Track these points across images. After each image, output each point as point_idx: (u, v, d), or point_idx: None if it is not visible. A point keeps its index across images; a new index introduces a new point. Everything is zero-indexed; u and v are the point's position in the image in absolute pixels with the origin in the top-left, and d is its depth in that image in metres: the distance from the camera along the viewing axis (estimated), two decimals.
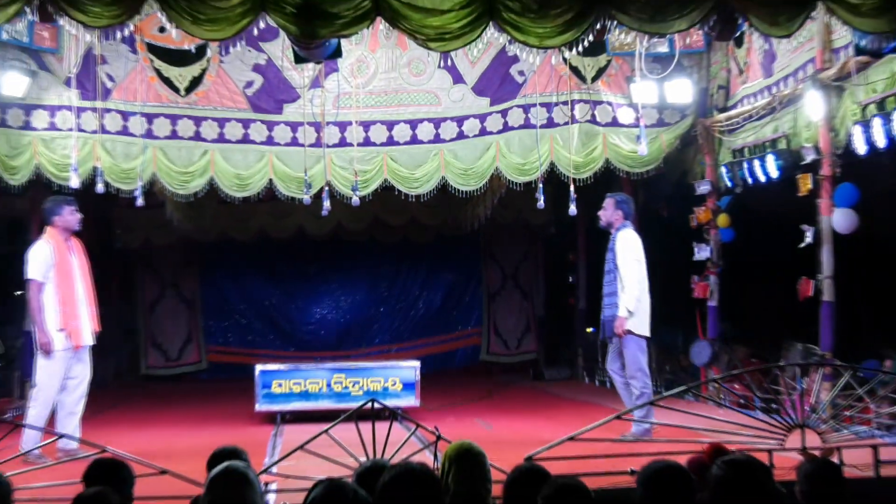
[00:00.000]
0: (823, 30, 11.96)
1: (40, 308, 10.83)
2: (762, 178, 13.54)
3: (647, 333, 11.68)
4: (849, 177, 12.13)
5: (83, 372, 11.17)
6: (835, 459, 7.65)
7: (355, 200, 14.33)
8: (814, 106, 12.10)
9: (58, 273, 10.93)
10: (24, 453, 9.64)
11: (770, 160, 13.21)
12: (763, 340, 16.49)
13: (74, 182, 13.26)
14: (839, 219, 12.02)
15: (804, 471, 5.97)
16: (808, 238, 12.42)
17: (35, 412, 10.73)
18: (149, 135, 14.20)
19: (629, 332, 11.39)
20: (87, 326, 11.22)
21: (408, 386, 13.99)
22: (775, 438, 8.51)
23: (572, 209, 13.74)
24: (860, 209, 12.07)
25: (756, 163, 13.58)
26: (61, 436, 9.84)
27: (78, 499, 5.12)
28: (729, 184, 14.51)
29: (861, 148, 11.26)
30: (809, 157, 12.31)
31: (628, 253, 11.53)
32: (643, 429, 10.91)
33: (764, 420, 8.86)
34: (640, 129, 13.77)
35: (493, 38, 11.33)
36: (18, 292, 16.86)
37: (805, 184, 12.44)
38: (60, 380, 10.89)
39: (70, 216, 11.24)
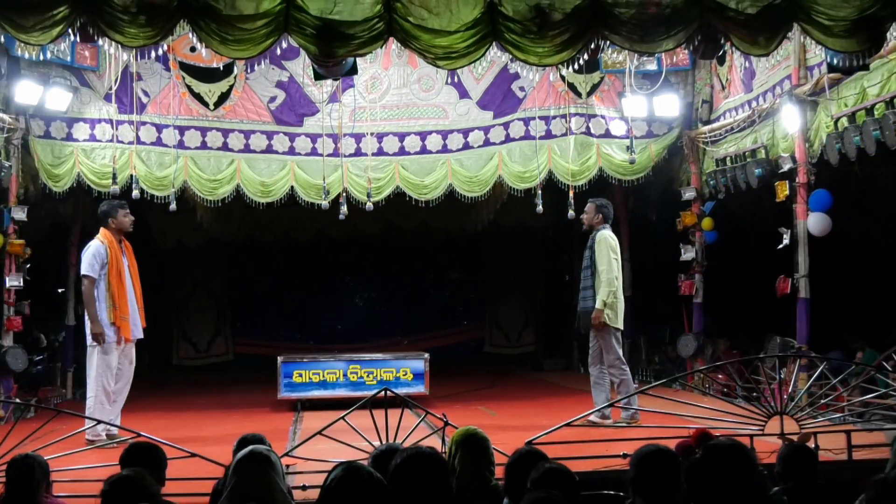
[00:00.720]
0: (799, 49, 11.98)
1: (94, 302, 10.79)
2: (743, 186, 13.51)
3: (621, 326, 11.62)
4: (822, 184, 12.14)
5: (128, 365, 11.16)
6: (811, 444, 7.63)
7: (369, 206, 14.33)
8: (790, 119, 12.11)
9: (110, 271, 10.90)
10: (91, 438, 9.70)
11: (750, 169, 13.18)
12: (744, 334, 16.48)
13: (114, 189, 13.29)
14: (814, 222, 12.02)
15: (782, 454, 5.97)
16: (786, 240, 12.40)
17: (95, 401, 10.68)
18: (181, 145, 14.22)
19: (604, 323, 11.35)
20: (137, 322, 11.20)
21: (418, 376, 13.97)
22: (756, 424, 8.49)
23: (571, 214, 13.77)
24: (833, 213, 12.06)
25: (737, 171, 13.55)
26: (100, 422, 9.83)
27: (111, 480, 5.09)
28: (712, 190, 14.48)
29: (834, 157, 11.23)
30: (786, 166, 12.30)
31: (606, 251, 11.47)
32: (630, 413, 10.91)
33: (745, 408, 8.85)
34: (630, 139, 13.81)
35: (496, 57, 11.36)
36: (61, 290, 16.90)
37: (782, 190, 12.42)
38: (115, 369, 10.88)
39: (123, 218, 11.21)
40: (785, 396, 8.88)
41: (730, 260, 16.11)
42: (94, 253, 10.90)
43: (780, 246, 12.51)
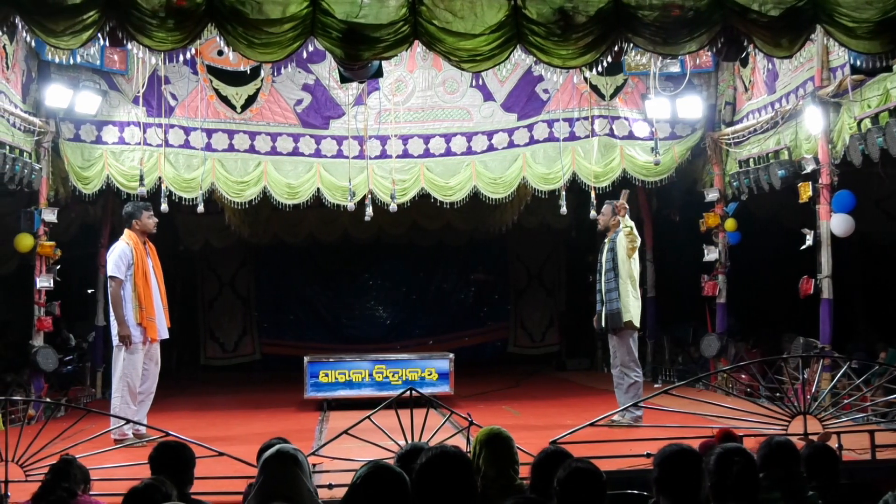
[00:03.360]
0: (822, 51, 11.93)
1: (121, 303, 10.83)
2: (766, 187, 13.46)
3: (637, 325, 11.60)
4: (845, 185, 12.09)
5: (153, 366, 11.21)
6: (833, 444, 7.60)
7: (393, 207, 14.34)
8: (813, 120, 12.06)
9: (136, 272, 10.93)
10: (117, 438, 9.75)
11: (773, 170, 13.13)
12: (767, 334, 16.43)
13: (142, 191, 13.35)
14: (837, 223, 11.96)
15: (804, 454, 5.94)
16: (809, 241, 12.35)
17: (121, 401, 10.73)
18: (208, 148, 14.27)
19: (629, 323, 11.31)
20: (162, 322, 11.23)
21: (443, 376, 13.97)
22: (779, 424, 8.45)
23: (592, 214, 13.72)
24: (856, 214, 12.02)
25: (760, 172, 13.50)
26: (128, 421, 9.87)
27: (132, 491, 5.12)
28: (736, 191, 14.43)
29: (857, 159, 11.18)
30: (809, 167, 12.25)
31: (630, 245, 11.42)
32: (635, 416, 10.83)
33: (769, 408, 8.81)
34: (655, 140, 13.77)
35: (520, 60, 11.35)
36: (90, 290, 16.98)
37: (805, 191, 12.36)
38: (140, 369, 10.91)
39: (148, 220, 11.24)
40: (808, 396, 8.85)
41: (753, 261, 16.06)
42: (119, 254, 10.94)
43: (803, 247, 12.46)
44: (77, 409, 11.09)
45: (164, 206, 13.47)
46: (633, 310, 11.37)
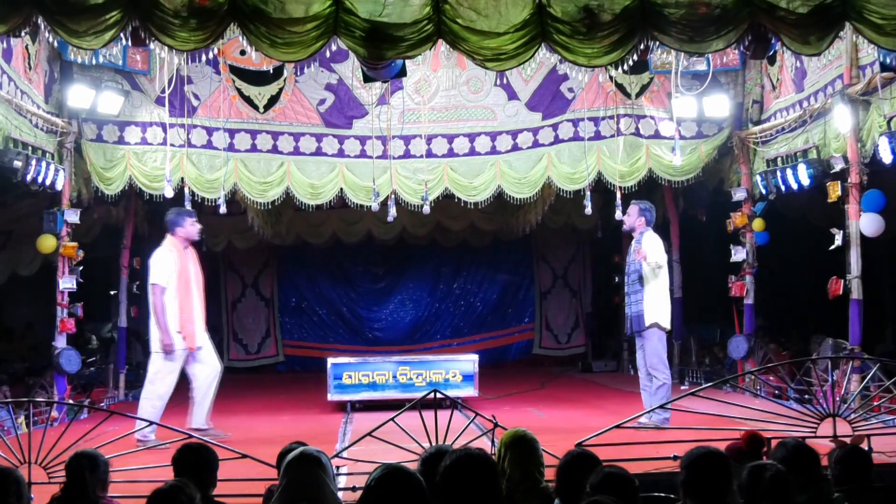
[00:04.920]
0: (851, 48, 11.84)
1: (163, 310, 10.85)
2: (794, 186, 13.40)
3: (669, 327, 11.58)
4: (875, 184, 12.02)
5: (205, 370, 11.25)
6: (864, 446, 7.55)
7: (426, 209, 14.36)
8: (842, 119, 11.98)
9: (178, 279, 10.99)
10: (141, 440, 9.81)
11: (801, 169, 13.07)
12: (796, 336, 16.37)
13: (168, 192, 13.42)
14: (866, 223, 11.90)
15: (835, 457, 5.92)
16: (838, 241, 12.29)
17: (150, 405, 10.80)
18: (231, 148, 14.32)
19: (656, 324, 11.29)
20: (201, 329, 11.28)
21: (467, 377, 13.97)
22: (808, 427, 8.40)
23: (618, 214, 13.68)
24: (886, 214, 11.95)
25: (788, 171, 13.43)
26: (151, 423, 9.91)
27: (156, 493, 5.13)
28: (763, 191, 14.35)
29: (887, 157, 11.12)
30: (838, 166, 12.19)
31: (656, 253, 11.40)
32: (662, 418, 10.79)
33: (797, 409, 8.77)
34: (675, 140, 13.74)
35: (544, 58, 11.33)
36: (113, 292, 17.06)
37: (834, 191, 12.30)
38: (176, 377, 10.98)
39: (191, 227, 11.31)
40: (837, 398, 8.80)
41: (781, 261, 16.00)
42: (162, 262, 10.99)
43: (832, 247, 12.40)
44: (100, 411, 11.14)
45: (188, 206, 13.54)
46: (660, 311, 11.34)
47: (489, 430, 7.89)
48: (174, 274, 10.96)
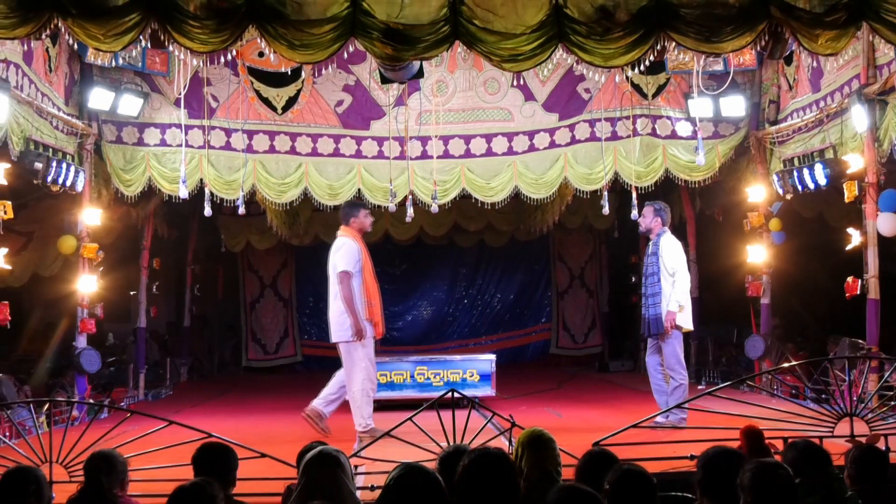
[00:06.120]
0: (867, 48, 11.80)
1: (353, 297, 10.93)
2: (811, 186, 13.35)
3: (692, 327, 11.57)
4: (892, 183, 11.98)
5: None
6: (881, 446, 7.52)
7: (434, 208, 14.37)
8: (859, 118, 11.93)
9: (364, 268, 11.11)
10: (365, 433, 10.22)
11: (818, 169, 13.03)
12: (812, 335, 16.32)
13: (183, 193, 13.46)
14: (883, 222, 11.84)
15: (852, 456, 5.90)
16: (855, 240, 12.24)
17: (360, 394, 10.96)
18: (249, 149, 14.33)
19: (676, 326, 11.27)
20: (382, 319, 11.46)
21: (484, 377, 13.98)
22: (825, 426, 8.37)
23: (634, 214, 13.65)
24: None
25: (805, 171, 13.38)
26: (171, 422, 9.91)
27: (177, 489, 5.14)
28: (780, 191, 14.31)
29: None
30: (855, 166, 12.14)
31: (676, 254, 11.39)
32: (679, 417, 10.78)
33: (814, 409, 8.74)
34: (698, 140, 13.71)
35: (561, 59, 11.29)
36: (132, 292, 17.11)
37: (851, 190, 12.24)
38: (371, 362, 11.16)
39: (364, 218, 11.40)
40: (854, 398, 8.77)
41: (798, 261, 15.95)
42: (349, 250, 11.06)
43: (849, 246, 12.36)
44: (119, 411, 11.17)
45: (208, 210, 13.63)
46: (686, 311, 11.35)
47: (506, 429, 7.89)
48: (359, 263, 11.05)
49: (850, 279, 12.42)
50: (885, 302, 12.11)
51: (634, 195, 14.16)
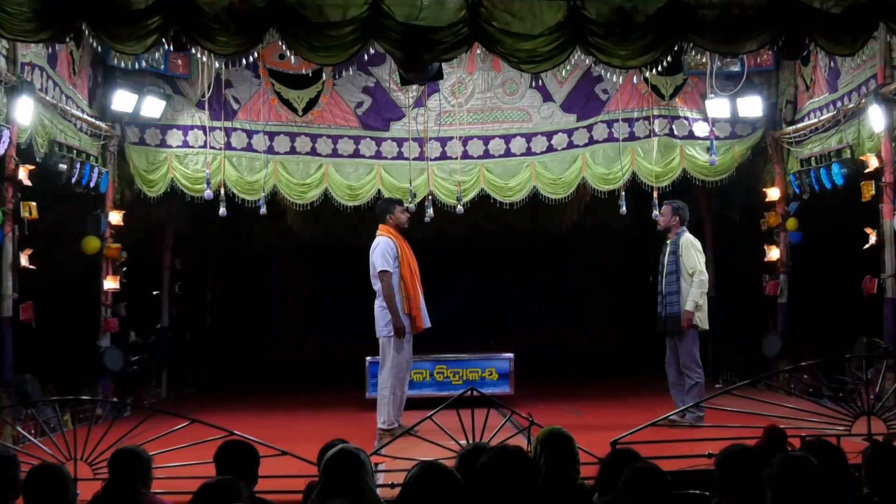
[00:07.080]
0: (885, 48, 11.76)
1: (394, 295, 11.05)
2: (828, 186, 13.31)
3: (707, 327, 11.56)
4: None
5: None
6: None
7: (460, 209, 14.42)
8: (876, 118, 11.89)
9: (402, 264, 11.22)
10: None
11: (835, 169, 12.99)
12: (830, 334, 16.24)
13: (208, 194, 13.50)
14: None
15: (869, 455, 5.87)
16: (872, 240, 12.20)
17: (389, 391, 11.07)
18: (270, 151, 14.37)
19: (693, 325, 11.25)
20: (426, 312, 11.51)
21: (503, 376, 13.99)
22: (843, 425, 8.35)
23: (655, 214, 13.65)
24: None
25: (822, 171, 13.35)
26: (193, 420, 9.93)
27: (204, 485, 5.15)
28: (797, 191, 14.27)
29: None
30: (872, 166, 12.10)
31: (694, 253, 11.37)
32: (696, 416, 10.76)
33: (832, 408, 8.72)
34: (710, 141, 13.69)
35: (579, 60, 11.32)
36: (155, 292, 17.15)
37: (868, 190, 12.22)
38: (409, 360, 11.32)
39: (401, 214, 11.52)
40: (872, 397, 8.73)
41: (815, 260, 15.88)
42: (385, 248, 11.21)
43: (867, 246, 12.31)
44: (142, 409, 11.20)
45: (222, 210, 13.71)
46: (703, 310, 11.33)
47: (525, 428, 7.89)
48: (397, 259, 11.17)
49: (867, 278, 12.39)
50: None
51: (655, 195, 14.20)
